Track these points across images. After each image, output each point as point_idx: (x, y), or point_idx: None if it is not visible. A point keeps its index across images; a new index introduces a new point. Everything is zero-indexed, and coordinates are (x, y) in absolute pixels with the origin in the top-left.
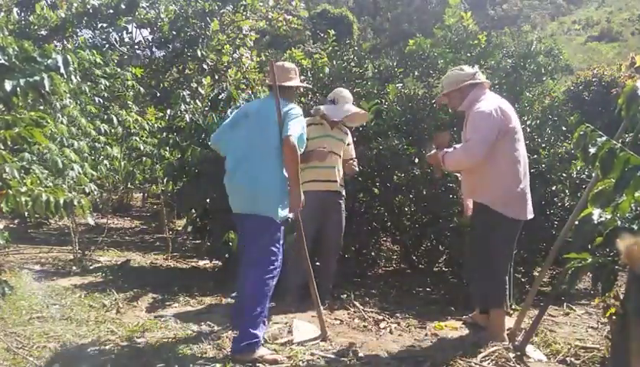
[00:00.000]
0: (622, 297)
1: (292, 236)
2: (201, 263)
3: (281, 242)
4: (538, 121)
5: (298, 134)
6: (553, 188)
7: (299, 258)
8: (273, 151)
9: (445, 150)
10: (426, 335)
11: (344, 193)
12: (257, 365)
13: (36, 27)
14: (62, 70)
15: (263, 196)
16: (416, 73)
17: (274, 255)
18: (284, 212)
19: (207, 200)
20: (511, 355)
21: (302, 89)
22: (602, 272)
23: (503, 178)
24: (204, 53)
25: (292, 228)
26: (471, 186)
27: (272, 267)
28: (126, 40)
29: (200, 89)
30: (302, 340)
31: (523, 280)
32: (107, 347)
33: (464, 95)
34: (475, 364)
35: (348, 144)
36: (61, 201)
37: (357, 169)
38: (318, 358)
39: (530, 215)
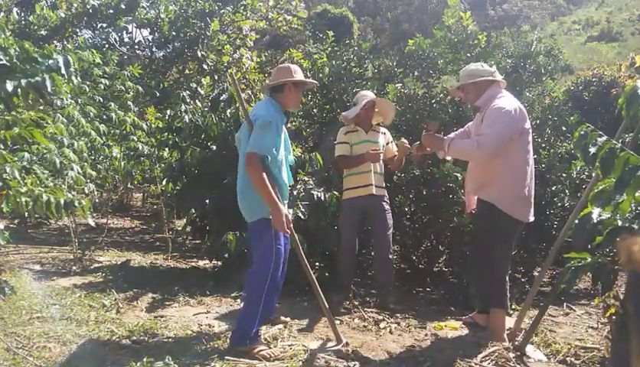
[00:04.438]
0: (622, 297)
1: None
2: (201, 263)
3: (274, 243)
4: (538, 121)
5: (261, 147)
6: (553, 188)
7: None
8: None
9: (449, 137)
10: (426, 335)
11: (386, 194)
12: (253, 360)
13: (36, 27)
14: (63, 71)
15: (242, 203)
16: (416, 73)
17: (268, 256)
18: (263, 212)
19: (207, 201)
20: (511, 355)
21: (292, 86)
22: (602, 272)
23: (514, 178)
24: (204, 53)
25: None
26: (480, 182)
27: (264, 266)
28: (126, 40)
29: (199, 89)
30: (319, 346)
31: (523, 280)
32: (107, 347)
33: (480, 90)
34: (475, 364)
35: (388, 143)
36: (61, 201)
37: (401, 164)
38: (317, 358)
39: (532, 218)
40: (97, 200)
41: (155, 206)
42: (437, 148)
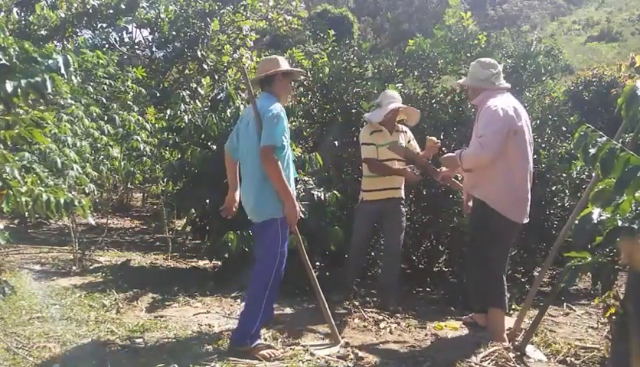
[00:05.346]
0: (622, 297)
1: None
2: (201, 263)
3: (280, 242)
4: (538, 121)
5: (276, 138)
6: (553, 188)
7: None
8: (255, 157)
9: (459, 151)
10: (426, 335)
11: (403, 196)
12: (253, 360)
13: (36, 27)
14: (62, 71)
15: (250, 204)
16: (416, 73)
17: (273, 255)
18: (272, 212)
19: (207, 200)
20: (511, 355)
21: (281, 76)
22: (602, 272)
23: (508, 177)
24: (204, 53)
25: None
26: (474, 181)
27: (270, 265)
28: (126, 40)
29: (199, 89)
30: (318, 348)
31: (523, 280)
32: (107, 347)
33: (478, 91)
34: (475, 364)
35: (410, 141)
36: (62, 201)
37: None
38: (318, 358)
39: (526, 220)
40: (97, 200)
41: (155, 206)
42: (454, 166)
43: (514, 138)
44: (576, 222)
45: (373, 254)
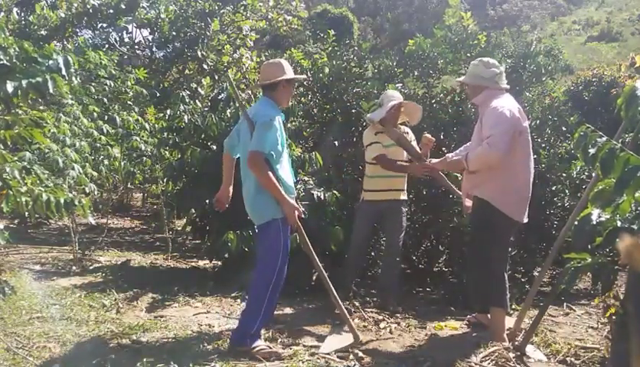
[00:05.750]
0: (622, 297)
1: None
2: (201, 263)
3: (282, 242)
4: (538, 121)
5: (264, 145)
6: (553, 188)
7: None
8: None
9: (465, 152)
10: (426, 335)
11: (405, 198)
12: (253, 360)
13: (36, 27)
14: (63, 71)
15: (250, 207)
16: (416, 73)
17: (275, 255)
18: (272, 213)
19: (207, 201)
20: (511, 355)
21: (285, 83)
22: (602, 272)
23: (510, 176)
24: (204, 53)
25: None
26: (476, 181)
27: (272, 266)
28: (126, 40)
29: (199, 89)
30: (331, 349)
31: (523, 280)
32: (107, 347)
33: (478, 90)
34: (475, 364)
35: (411, 142)
36: (61, 201)
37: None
38: (318, 358)
39: (526, 219)
40: (97, 200)
41: (155, 206)
42: (458, 168)
43: (518, 139)
44: (576, 222)
45: (373, 254)
